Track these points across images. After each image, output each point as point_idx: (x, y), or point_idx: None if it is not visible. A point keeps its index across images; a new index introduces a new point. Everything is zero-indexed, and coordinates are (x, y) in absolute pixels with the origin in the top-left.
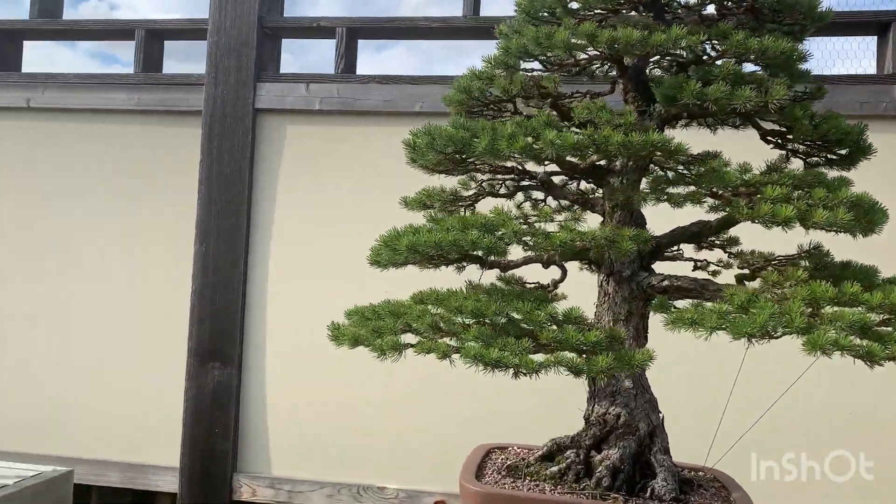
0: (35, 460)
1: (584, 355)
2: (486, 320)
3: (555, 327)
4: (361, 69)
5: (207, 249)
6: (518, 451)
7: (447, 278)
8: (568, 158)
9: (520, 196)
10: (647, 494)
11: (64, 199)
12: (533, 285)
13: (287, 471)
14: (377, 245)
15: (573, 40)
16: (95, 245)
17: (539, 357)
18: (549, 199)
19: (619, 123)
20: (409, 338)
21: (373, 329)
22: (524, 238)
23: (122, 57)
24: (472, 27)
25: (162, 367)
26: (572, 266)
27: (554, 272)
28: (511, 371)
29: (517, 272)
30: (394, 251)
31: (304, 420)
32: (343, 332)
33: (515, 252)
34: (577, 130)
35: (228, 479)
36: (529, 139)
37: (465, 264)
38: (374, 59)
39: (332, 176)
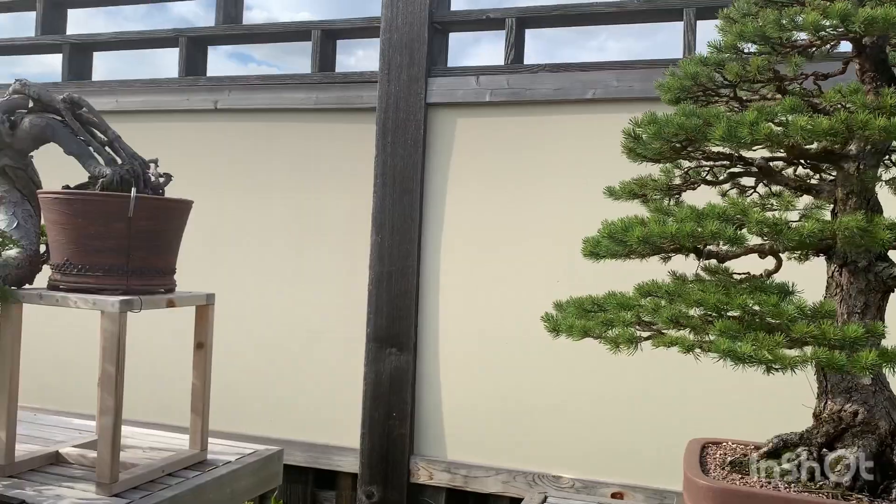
0: (231, 438)
1: (843, 351)
2: (730, 314)
3: (804, 321)
4: (481, 60)
5: (383, 240)
6: (734, 445)
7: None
8: (800, 145)
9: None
10: (893, 497)
11: (248, 196)
12: (742, 276)
13: (462, 455)
14: (596, 237)
15: (822, 21)
16: (279, 237)
17: (791, 352)
18: (758, 185)
19: (877, 106)
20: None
21: (602, 321)
22: (765, 228)
23: (256, 56)
24: (647, 10)
25: (343, 353)
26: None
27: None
28: (763, 367)
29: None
30: (619, 243)
31: (479, 406)
32: (566, 323)
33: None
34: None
35: (406, 462)
36: (773, 125)
37: (671, 255)
38: (496, 47)
39: (502, 166)
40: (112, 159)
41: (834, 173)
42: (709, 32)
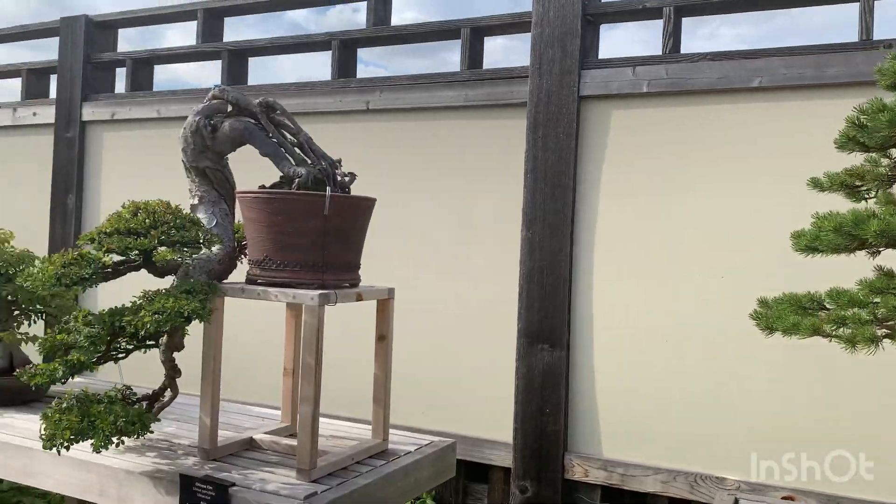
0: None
1: None
2: None
3: None
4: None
5: (534, 235)
6: None
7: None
8: None
9: None
10: None
11: (400, 193)
12: None
13: (619, 454)
14: (812, 230)
15: None
16: (430, 233)
17: None
18: None
19: None
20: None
21: (833, 319)
22: None
23: (365, 57)
24: None
25: (494, 348)
26: None
27: None
28: None
29: None
30: (848, 236)
31: (635, 404)
32: (786, 321)
33: None
34: None
35: (560, 458)
36: None
37: (880, 250)
38: (604, 36)
39: (659, 158)
40: (302, 159)
41: None
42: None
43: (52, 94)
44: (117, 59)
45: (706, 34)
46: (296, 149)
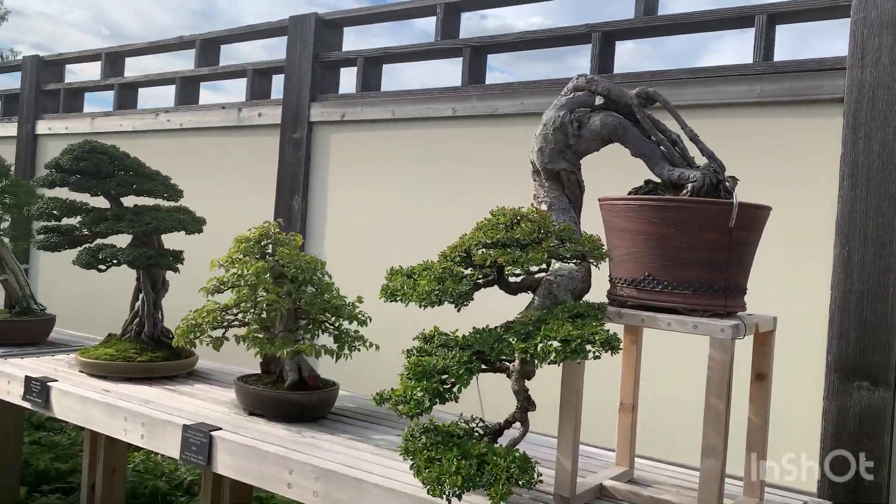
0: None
1: None
2: None
3: None
4: (724, 57)
5: (851, 253)
6: None
7: None
8: None
9: None
10: None
11: None
12: None
13: None
14: None
15: None
16: None
17: None
18: None
19: None
20: None
21: None
22: None
23: (494, 63)
24: None
25: (788, 380)
26: None
27: None
28: None
29: None
30: None
31: None
32: None
33: None
34: None
35: None
36: None
37: None
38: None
39: None
40: (680, 160)
41: None
42: None
43: (274, 94)
44: (348, 57)
45: None
46: (670, 147)
